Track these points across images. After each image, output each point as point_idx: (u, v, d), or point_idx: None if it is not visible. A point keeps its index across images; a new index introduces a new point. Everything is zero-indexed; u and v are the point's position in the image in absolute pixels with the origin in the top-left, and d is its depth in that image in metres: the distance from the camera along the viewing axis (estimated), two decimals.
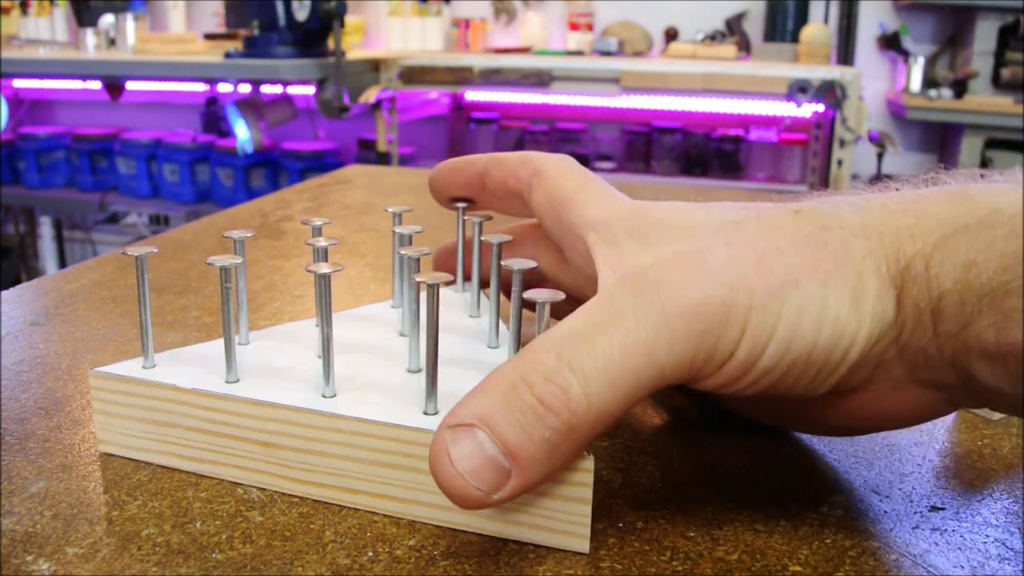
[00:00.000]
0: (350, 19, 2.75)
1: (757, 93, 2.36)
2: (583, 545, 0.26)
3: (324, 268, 0.29)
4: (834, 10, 2.76)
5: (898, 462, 0.32)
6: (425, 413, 0.28)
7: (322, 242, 0.34)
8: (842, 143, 2.44)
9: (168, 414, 0.30)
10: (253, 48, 2.38)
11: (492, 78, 2.45)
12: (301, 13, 2.29)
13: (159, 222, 3.15)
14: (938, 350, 0.24)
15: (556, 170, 0.32)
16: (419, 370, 0.31)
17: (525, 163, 0.33)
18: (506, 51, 2.74)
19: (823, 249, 0.25)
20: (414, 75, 2.49)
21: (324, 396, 0.29)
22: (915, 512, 0.29)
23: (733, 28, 2.74)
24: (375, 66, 2.53)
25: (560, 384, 0.23)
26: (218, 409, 0.29)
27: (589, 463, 0.25)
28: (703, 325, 0.24)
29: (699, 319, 0.24)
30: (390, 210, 0.39)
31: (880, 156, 2.68)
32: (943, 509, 0.29)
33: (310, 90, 2.44)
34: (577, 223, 0.30)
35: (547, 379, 0.23)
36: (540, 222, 0.33)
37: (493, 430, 0.23)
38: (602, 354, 0.23)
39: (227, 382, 0.30)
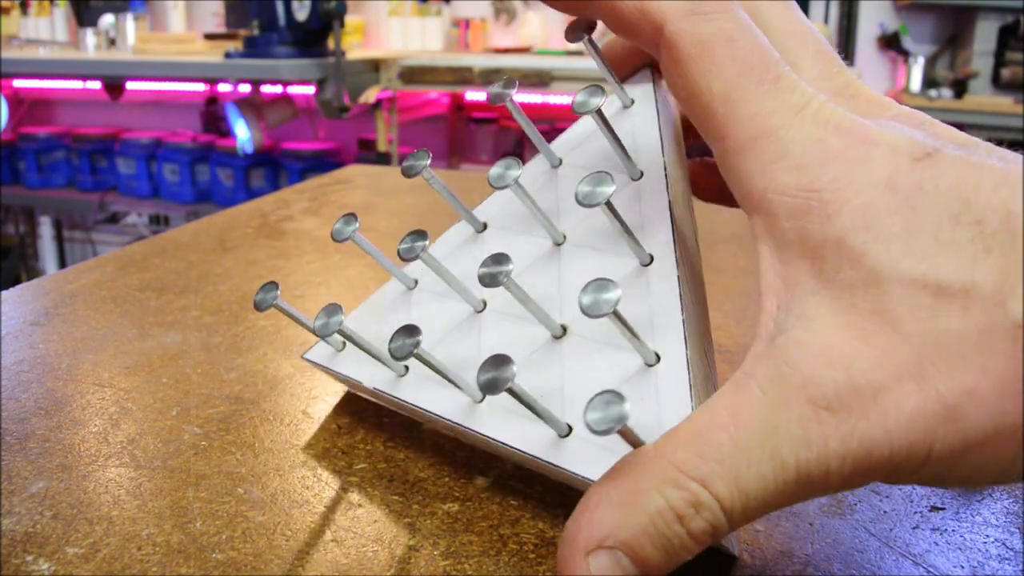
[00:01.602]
0: (350, 19, 2.76)
1: None
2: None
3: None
4: (834, 10, 2.76)
5: None
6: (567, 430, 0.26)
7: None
8: None
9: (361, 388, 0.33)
10: (253, 48, 2.38)
11: (492, 78, 2.45)
12: (301, 13, 2.29)
13: (159, 222, 3.15)
14: None
15: (692, 49, 0.23)
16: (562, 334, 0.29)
17: (644, 22, 0.24)
18: (506, 51, 2.74)
19: None
20: (414, 75, 2.49)
21: (475, 403, 0.28)
22: (915, 512, 0.29)
23: None
24: (375, 66, 2.53)
25: (710, 520, 0.21)
26: (393, 402, 0.31)
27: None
28: (868, 469, 0.20)
29: (867, 466, 0.20)
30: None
31: None
32: (943, 509, 0.29)
33: (310, 90, 2.45)
34: (734, 176, 0.23)
35: (697, 511, 0.20)
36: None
37: (635, 557, 0.21)
38: (757, 480, 0.20)
39: (398, 376, 0.31)
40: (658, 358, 0.26)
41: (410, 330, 0.26)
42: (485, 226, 0.33)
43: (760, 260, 0.24)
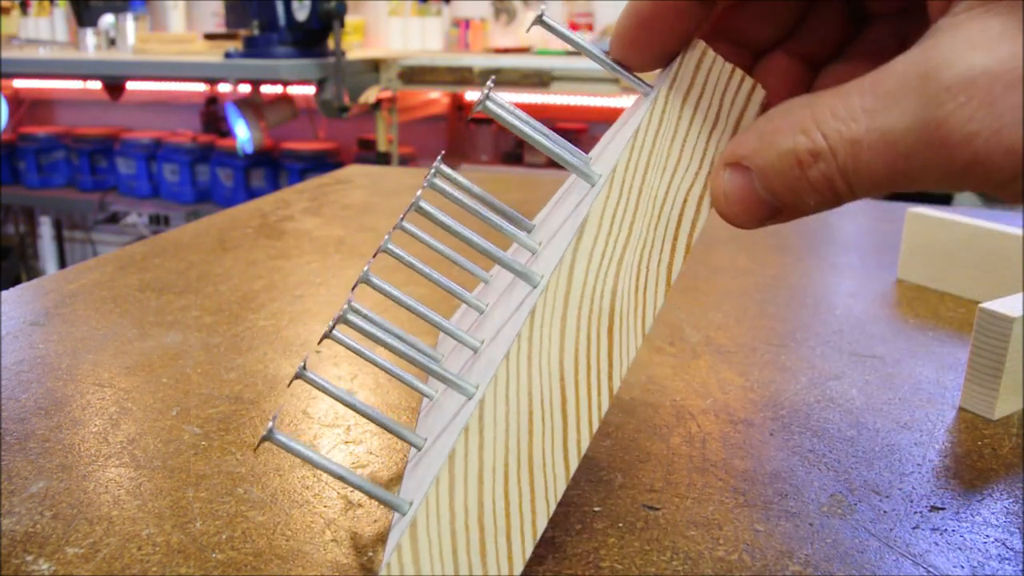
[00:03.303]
0: (350, 19, 2.75)
1: None
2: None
3: None
4: None
5: (898, 462, 0.32)
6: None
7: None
8: None
9: None
10: (253, 48, 2.38)
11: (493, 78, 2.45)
12: (301, 13, 2.29)
13: (159, 222, 3.15)
14: None
15: None
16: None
17: None
18: (506, 51, 2.74)
19: None
20: (414, 75, 2.49)
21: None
22: (915, 512, 0.29)
23: None
24: (375, 66, 2.52)
25: (824, 172, 0.23)
26: None
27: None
28: (972, 161, 0.21)
29: (971, 158, 0.21)
30: None
31: None
32: (943, 509, 0.29)
33: (310, 90, 2.45)
34: None
35: (815, 160, 0.23)
36: None
37: (765, 183, 0.24)
38: (868, 170, 0.22)
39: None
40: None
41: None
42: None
43: None
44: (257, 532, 0.27)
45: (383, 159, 2.54)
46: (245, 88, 2.63)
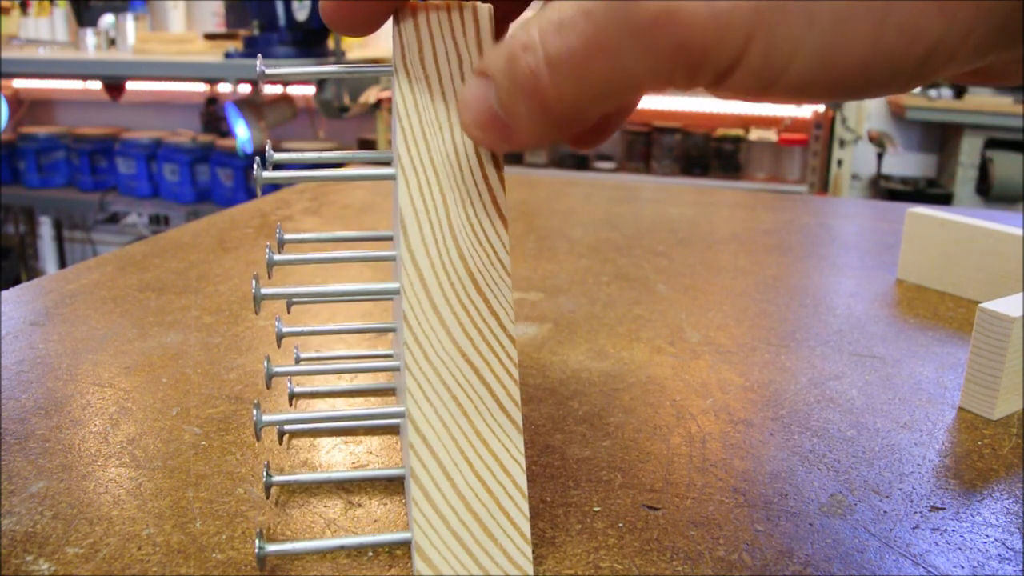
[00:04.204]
0: None
1: None
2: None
3: None
4: None
5: (898, 462, 0.32)
6: None
7: None
8: (842, 143, 2.44)
9: None
10: (253, 48, 2.38)
11: None
12: (301, 13, 2.29)
13: (159, 222, 3.15)
14: None
15: None
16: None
17: None
18: None
19: None
20: None
21: None
22: (915, 512, 0.29)
23: None
24: None
25: (533, 65, 0.22)
26: None
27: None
28: (678, 37, 0.21)
29: (672, 30, 0.21)
30: None
31: (880, 156, 2.68)
32: (943, 509, 0.29)
33: (310, 90, 2.44)
34: None
35: (524, 52, 0.23)
36: None
37: (496, 90, 0.23)
38: (567, 48, 0.22)
39: None
40: None
41: None
42: None
43: None
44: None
45: None
46: (245, 88, 2.63)
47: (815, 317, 0.47)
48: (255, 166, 0.27)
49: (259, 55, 0.30)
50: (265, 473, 0.25)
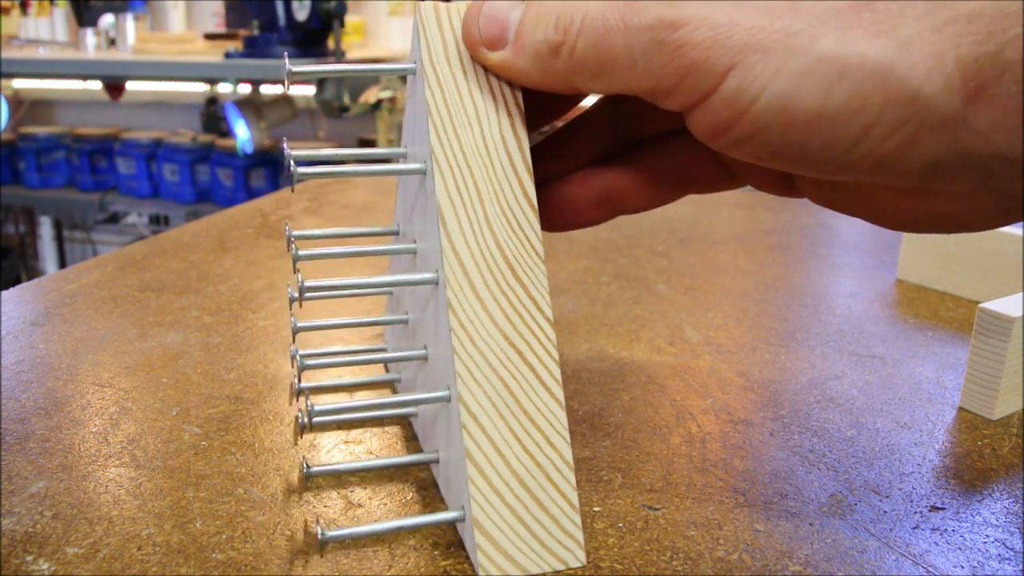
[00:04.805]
0: (350, 19, 2.75)
1: None
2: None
3: None
4: None
5: (898, 462, 0.32)
6: None
7: None
8: None
9: None
10: (253, 48, 2.38)
11: None
12: (301, 13, 2.29)
13: (159, 222, 3.15)
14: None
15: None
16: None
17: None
18: None
19: (872, 11, 0.21)
20: None
21: None
22: (915, 512, 0.29)
23: None
24: None
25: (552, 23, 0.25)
26: None
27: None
28: (675, 41, 0.23)
29: (668, 34, 0.23)
30: None
31: None
32: (943, 509, 0.29)
33: (310, 90, 2.44)
34: None
35: (547, 15, 0.25)
36: None
37: (520, 32, 0.26)
38: (586, 18, 0.24)
39: None
40: None
41: None
42: None
43: None
44: (257, 532, 0.27)
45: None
46: (245, 88, 2.63)
47: (815, 317, 0.47)
48: (290, 163, 0.27)
49: (284, 55, 0.31)
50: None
